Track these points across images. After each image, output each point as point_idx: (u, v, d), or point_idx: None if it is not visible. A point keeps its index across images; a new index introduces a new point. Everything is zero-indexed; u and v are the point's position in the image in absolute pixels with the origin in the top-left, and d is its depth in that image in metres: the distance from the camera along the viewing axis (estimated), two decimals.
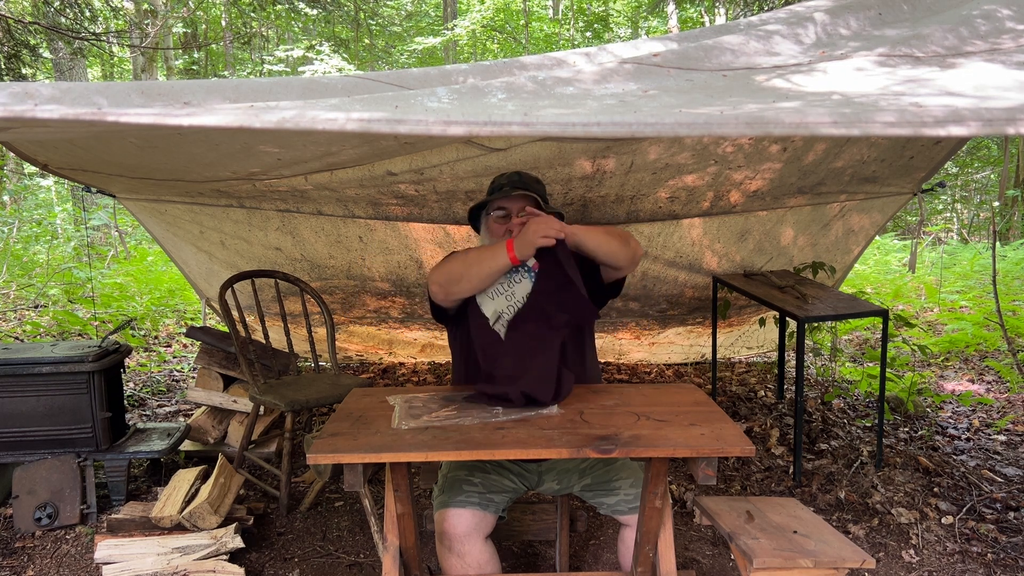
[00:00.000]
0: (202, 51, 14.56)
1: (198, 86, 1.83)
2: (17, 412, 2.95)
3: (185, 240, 4.14)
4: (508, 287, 2.15)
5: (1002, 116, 1.20)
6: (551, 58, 2.49)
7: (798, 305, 3.47)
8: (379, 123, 1.23)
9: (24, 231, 8.70)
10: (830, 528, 2.07)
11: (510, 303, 2.13)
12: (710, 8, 12.78)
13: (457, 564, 1.98)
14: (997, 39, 1.93)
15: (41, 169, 2.91)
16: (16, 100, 1.34)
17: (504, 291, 2.15)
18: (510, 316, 2.12)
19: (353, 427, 1.79)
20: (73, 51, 6.87)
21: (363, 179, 3.21)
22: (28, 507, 2.89)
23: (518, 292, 2.14)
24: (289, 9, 10.21)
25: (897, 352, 5.36)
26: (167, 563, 2.45)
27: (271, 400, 3.02)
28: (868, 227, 4.54)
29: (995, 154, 12.96)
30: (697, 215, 3.95)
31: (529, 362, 2.01)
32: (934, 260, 9.50)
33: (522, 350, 2.05)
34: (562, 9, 19.20)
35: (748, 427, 4.02)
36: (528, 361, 2.02)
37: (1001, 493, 3.21)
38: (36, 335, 5.74)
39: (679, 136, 1.36)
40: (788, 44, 2.13)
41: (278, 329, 4.15)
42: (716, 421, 1.82)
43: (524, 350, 2.05)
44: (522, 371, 1.99)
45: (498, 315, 2.14)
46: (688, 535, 2.91)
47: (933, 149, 3.63)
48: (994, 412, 4.41)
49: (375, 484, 3.21)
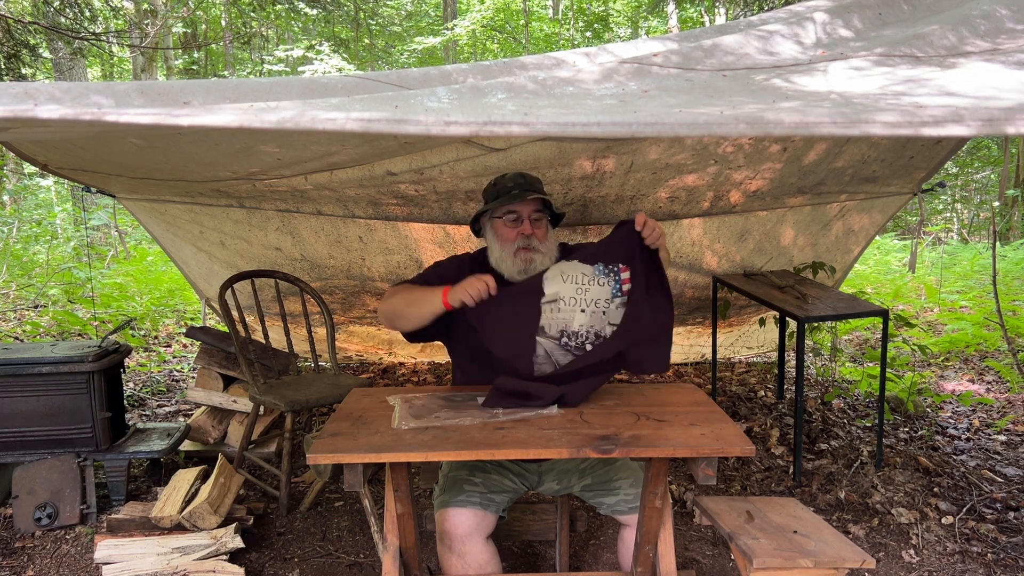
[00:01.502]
0: (202, 51, 14.55)
1: (198, 86, 1.83)
2: (17, 412, 2.95)
3: (185, 240, 4.14)
4: (585, 281, 1.99)
5: (1002, 116, 1.21)
6: (551, 58, 2.49)
7: (798, 305, 3.47)
8: (379, 123, 1.23)
9: (24, 231, 8.69)
10: (830, 528, 2.07)
11: (577, 295, 1.98)
12: (710, 8, 12.78)
13: (458, 564, 1.98)
14: (997, 39, 1.93)
15: (41, 169, 2.91)
16: (16, 100, 1.35)
17: (579, 281, 1.99)
18: (567, 308, 1.98)
19: (353, 427, 1.79)
20: (73, 51, 6.87)
21: (363, 179, 3.21)
22: (28, 507, 2.89)
23: (592, 294, 1.99)
24: (289, 9, 10.21)
25: (897, 352, 5.36)
26: (167, 563, 2.45)
27: (271, 400, 3.02)
28: (868, 227, 4.54)
29: (995, 154, 12.96)
30: (697, 215, 3.95)
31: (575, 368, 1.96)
32: (934, 260, 9.50)
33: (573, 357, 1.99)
34: (562, 9, 19.20)
35: (748, 427, 4.02)
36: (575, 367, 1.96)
37: (1001, 493, 3.21)
38: (36, 335, 5.74)
39: (679, 136, 1.36)
40: (788, 44, 2.13)
41: (278, 329, 4.15)
42: (716, 421, 1.82)
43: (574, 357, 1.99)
44: (563, 378, 1.96)
45: (556, 298, 1.98)
46: (688, 535, 2.91)
47: (933, 149, 3.63)
48: (994, 412, 4.41)
49: (375, 484, 3.21)
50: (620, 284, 1.99)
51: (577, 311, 1.98)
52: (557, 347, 1.99)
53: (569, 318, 1.98)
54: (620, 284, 1.99)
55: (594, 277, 1.98)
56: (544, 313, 1.97)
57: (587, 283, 1.98)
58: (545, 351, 2.00)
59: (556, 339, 1.99)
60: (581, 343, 1.99)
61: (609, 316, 1.99)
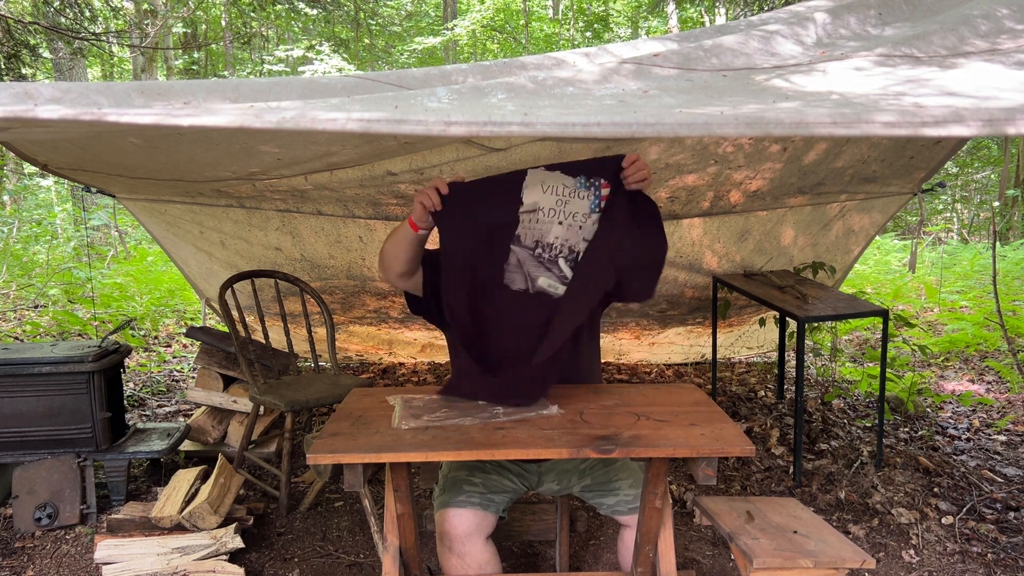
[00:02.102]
0: (202, 51, 14.56)
1: (198, 86, 1.83)
2: (17, 412, 2.95)
3: (185, 240, 4.14)
4: (566, 193, 1.93)
5: (1002, 116, 1.21)
6: (551, 58, 2.49)
7: (798, 305, 3.47)
8: (379, 123, 1.23)
9: (24, 231, 8.69)
10: (830, 528, 2.07)
11: (556, 206, 1.93)
12: (710, 8, 12.78)
13: (458, 564, 1.98)
14: (997, 39, 1.93)
15: (41, 169, 2.91)
16: (16, 100, 1.35)
17: (559, 193, 1.94)
18: (544, 219, 1.93)
19: (353, 427, 1.79)
20: (73, 51, 6.87)
21: (363, 179, 3.21)
22: (28, 507, 2.89)
23: (571, 207, 1.94)
24: (289, 9, 10.21)
25: (897, 352, 5.36)
26: (167, 563, 2.45)
27: (271, 400, 3.02)
28: (868, 227, 4.54)
29: (995, 154, 12.96)
30: (697, 215, 3.95)
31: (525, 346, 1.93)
32: (934, 260, 9.50)
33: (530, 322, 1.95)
34: (562, 9, 19.20)
35: (748, 427, 4.02)
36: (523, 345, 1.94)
37: (1001, 493, 3.21)
38: (36, 335, 5.74)
39: (679, 136, 1.36)
40: (788, 44, 2.13)
41: (278, 329, 4.15)
42: (716, 421, 1.82)
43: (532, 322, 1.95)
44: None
45: (535, 207, 1.93)
46: (688, 535, 2.91)
47: (933, 149, 3.63)
48: (994, 412, 4.41)
49: (375, 484, 3.21)
50: (600, 200, 1.95)
51: (555, 223, 1.95)
52: (530, 257, 1.97)
53: (546, 229, 1.95)
54: (600, 200, 1.95)
55: (575, 189, 1.94)
56: (521, 222, 1.94)
57: (567, 195, 1.94)
58: (518, 260, 1.97)
59: (531, 249, 1.96)
60: (555, 256, 1.97)
61: (584, 231, 1.96)
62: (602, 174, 1.94)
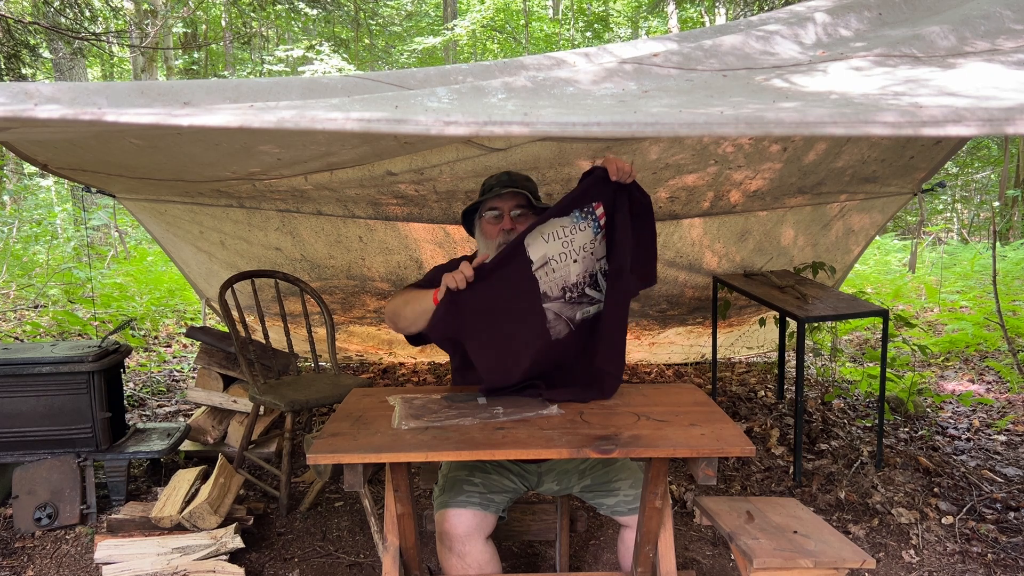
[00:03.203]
0: (202, 51, 14.56)
1: (198, 86, 1.83)
2: (17, 412, 2.95)
3: (185, 240, 4.14)
4: (567, 233, 1.97)
5: (1002, 116, 1.21)
6: (551, 58, 2.49)
7: (798, 305, 3.47)
8: (379, 123, 1.23)
9: (24, 231, 8.69)
10: (830, 528, 2.07)
11: (565, 248, 1.98)
12: (710, 8, 12.78)
13: (458, 564, 1.98)
14: (997, 39, 1.93)
15: (41, 169, 2.91)
16: (16, 100, 1.34)
17: (561, 235, 1.97)
18: (560, 265, 1.98)
19: (353, 427, 1.79)
20: (73, 51, 6.88)
21: (363, 179, 3.21)
22: (28, 507, 2.89)
23: (578, 241, 1.98)
24: (289, 9, 10.21)
25: (897, 352, 5.36)
26: (167, 563, 2.45)
27: (271, 400, 3.02)
28: (868, 227, 4.54)
29: (995, 154, 12.96)
30: (697, 215, 3.95)
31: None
32: (934, 260, 9.50)
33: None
34: (562, 9, 19.21)
35: (748, 427, 4.02)
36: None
37: (1001, 493, 3.21)
38: (36, 335, 5.74)
39: (679, 136, 1.36)
40: (788, 44, 2.13)
41: (278, 329, 4.15)
42: (716, 421, 1.82)
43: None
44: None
45: (545, 260, 1.97)
46: (688, 535, 2.91)
47: (933, 149, 3.63)
48: (994, 412, 4.41)
49: (375, 484, 3.21)
50: (598, 220, 2.01)
51: (571, 263, 2.00)
52: (563, 304, 2.02)
53: (565, 273, 2.00)
54: (598, 220, 2.01)
55: (574, 225, 1.98)
56: (541, 280, 1.98)
57: (570, 233, 1.98)
58: (555, 313, 2.02)
59: (560, 298, 2.01)
60: (583, 289, 2.03)
61: (597, 253, 2.04)
62: (590, 198, 2.00)
